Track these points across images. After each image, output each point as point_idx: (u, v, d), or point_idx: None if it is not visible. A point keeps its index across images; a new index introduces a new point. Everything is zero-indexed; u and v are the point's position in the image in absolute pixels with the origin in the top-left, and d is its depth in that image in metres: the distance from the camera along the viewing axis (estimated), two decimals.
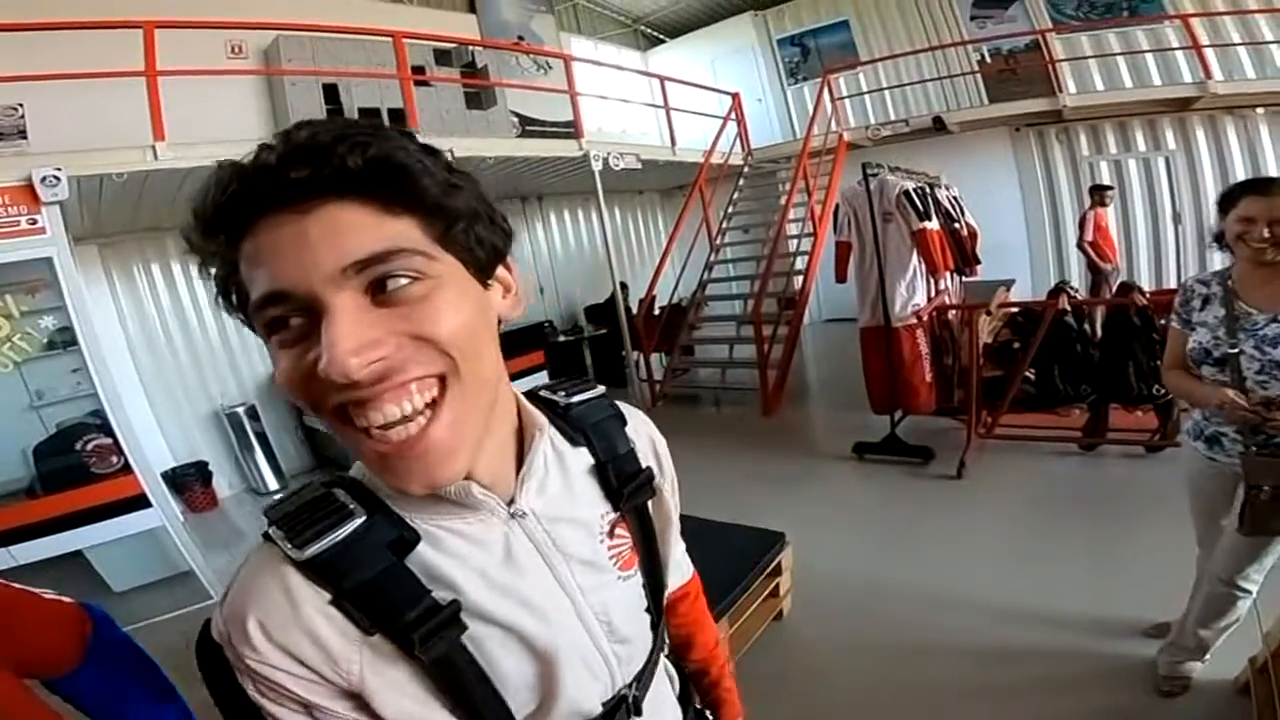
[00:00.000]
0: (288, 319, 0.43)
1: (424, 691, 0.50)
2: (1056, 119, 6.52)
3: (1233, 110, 6.01)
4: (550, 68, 7.71)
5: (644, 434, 0.70)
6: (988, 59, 7.24)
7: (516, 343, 5.99)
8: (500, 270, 0.53)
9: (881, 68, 7.59)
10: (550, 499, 0.57)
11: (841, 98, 7.32)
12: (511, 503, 0.54)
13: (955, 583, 2.68)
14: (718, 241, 6.58)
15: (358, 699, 0.48)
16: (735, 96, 7.42)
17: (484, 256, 0.50)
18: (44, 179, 3.28)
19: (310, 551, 0.47)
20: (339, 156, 0.41)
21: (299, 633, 0.46)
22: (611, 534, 0.61)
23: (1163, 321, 1.84)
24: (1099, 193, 5.79)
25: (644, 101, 7.37)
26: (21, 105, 4.74)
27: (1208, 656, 1.87)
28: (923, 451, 3.94)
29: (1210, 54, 5.77)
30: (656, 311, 6.14)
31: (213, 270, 0.46)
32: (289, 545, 0.47)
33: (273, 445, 5.26)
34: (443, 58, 6.72)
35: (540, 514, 0.56)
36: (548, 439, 0.59)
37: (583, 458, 0.62)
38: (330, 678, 0.47)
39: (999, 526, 3.17)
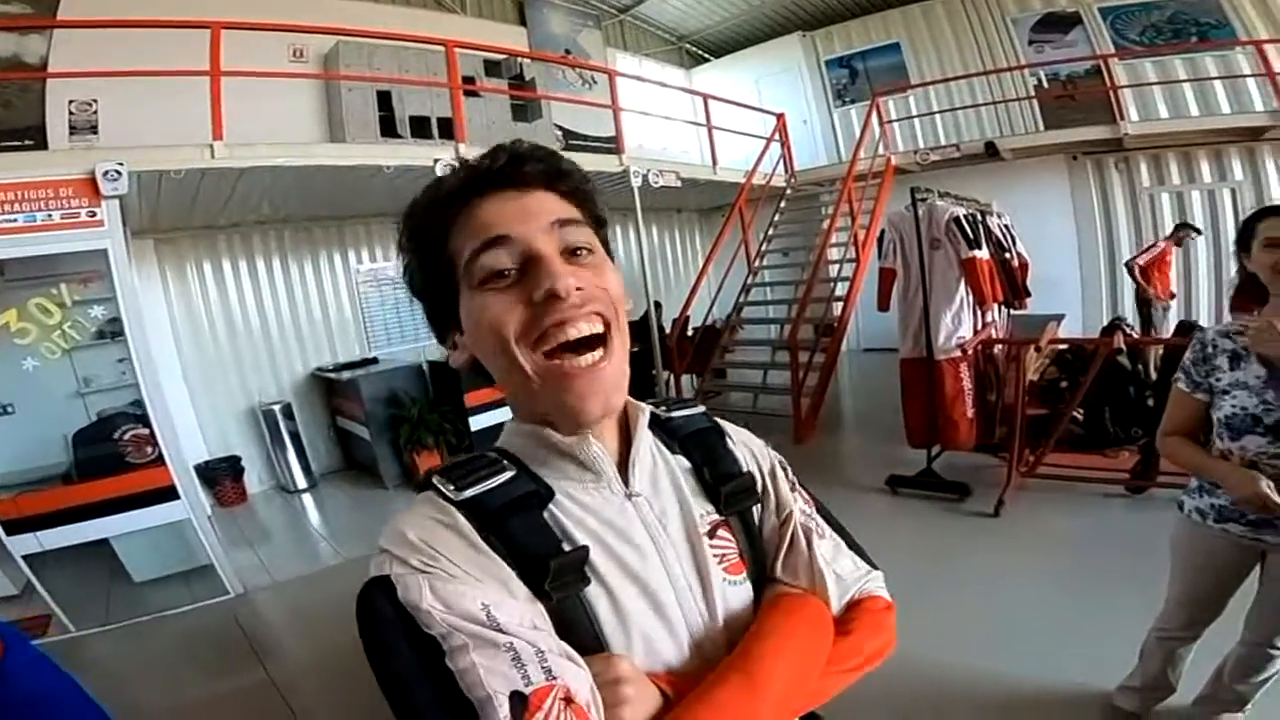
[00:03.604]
0: (503, 271, 0.55)
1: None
2: (1116, 148, 6.29)
3: None
4: (595, 83, 7.80)
5: (746, 447, 0.74)
6: (1045, 84, 7.04)
7: None
8: None
9: (933, 91, 7.43)
10: (660, 490, 0.64)
11: (890, 121, 7.18)
12: (626, 483, 0.61)
13: (987, 625, 2.56)
14: (756, 264, 6.50)
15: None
16: (780, 117, 7.36)
17: (610, 256, 0.63)
18: (105, 173, 3.39)
19: (468, 493, 0.56)
20: (546, 162, 0.60)
21: (454, 536, 0.54)
22: (713, 534, 0.64)
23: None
24: (1182, 230, 5.54)
25: (686, 120, 7.36)
26: (96, 101, 4.96)
27: (1248, 708, 1.75)
28: (959, 488, 3.78)
29: None
30: (690, 332, 6.09)
31: (417, 245, 0.61)
32: (450, 487, 0.57)
33: (305, 445, 5.36)
34: (492, 69, 6.86)
35: (651, 500, 0.62)
36: (649, 433, 0.65)
37: (680, 462, 0.68)
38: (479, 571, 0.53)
39: (1037, 567, 3.02)
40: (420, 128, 6.07)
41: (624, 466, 0.62)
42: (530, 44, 7.84)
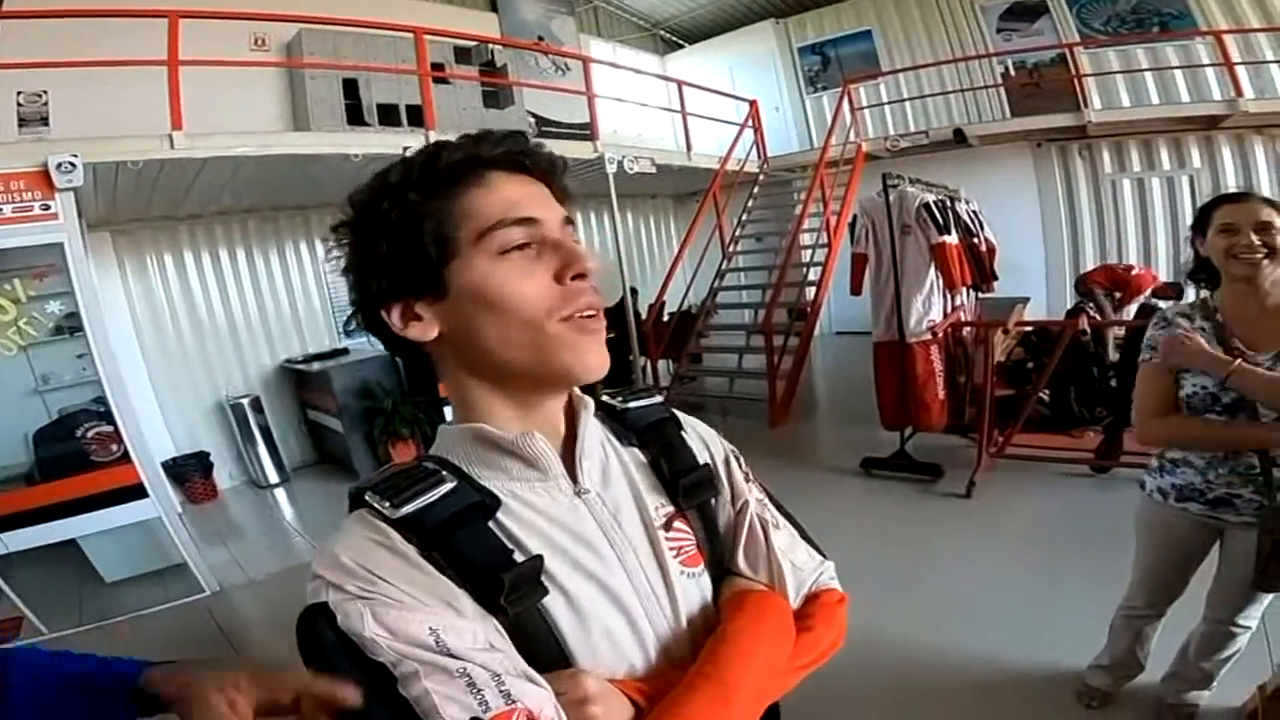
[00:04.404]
0: (524, 245, 0.57)
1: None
2: (1080, 135, 6.41)
3: (1262, 130, 5.87)
4: (568, 69, 7.72)
5: (700, 439, 0.74)
6: (1012, 72, 7.15)
7: None
8: None
9: (903, 78, 7.51)
10: (611, 484, 0.63)
11: (861, 108, 7.24)
12: (575, 480, 0.60)
13: (961, 605, 2.61)
14: (730, 249, 6.52)
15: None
16: (753, 104, 7.38)
17: None
18: (59, 165, 3.29)
19: (405, 510, 0.53)
20: (552, 160, 0.63)
21: (392, 558, 0.52)
22: (669, 527, 0.64)
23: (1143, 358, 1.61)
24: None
25: (661, 106, 7.33)
26: (46, 93, 4.77)
27: (1214, 685, 1.81)
28: (932, 469, 3.86)
29: (1242, 71, 5.65)
30: (665, 318, 6.10)
31: (405, 203, 0.57)
32: (386, 505, 0.54)
33: (275, 438, 5.27)
34: (462, 56, 6.75)
35: (603, 496, 0.61)
36: (598, 425, 0.66)
37: (635, 455, 0.68)
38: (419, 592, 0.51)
39: (1008, 548, 3.10)
40: (388, 116, 5.95)
41: (571, 462, 0.61)
42: (502, 30, 7.71)
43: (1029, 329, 4.41)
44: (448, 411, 3.58)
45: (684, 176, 6.97)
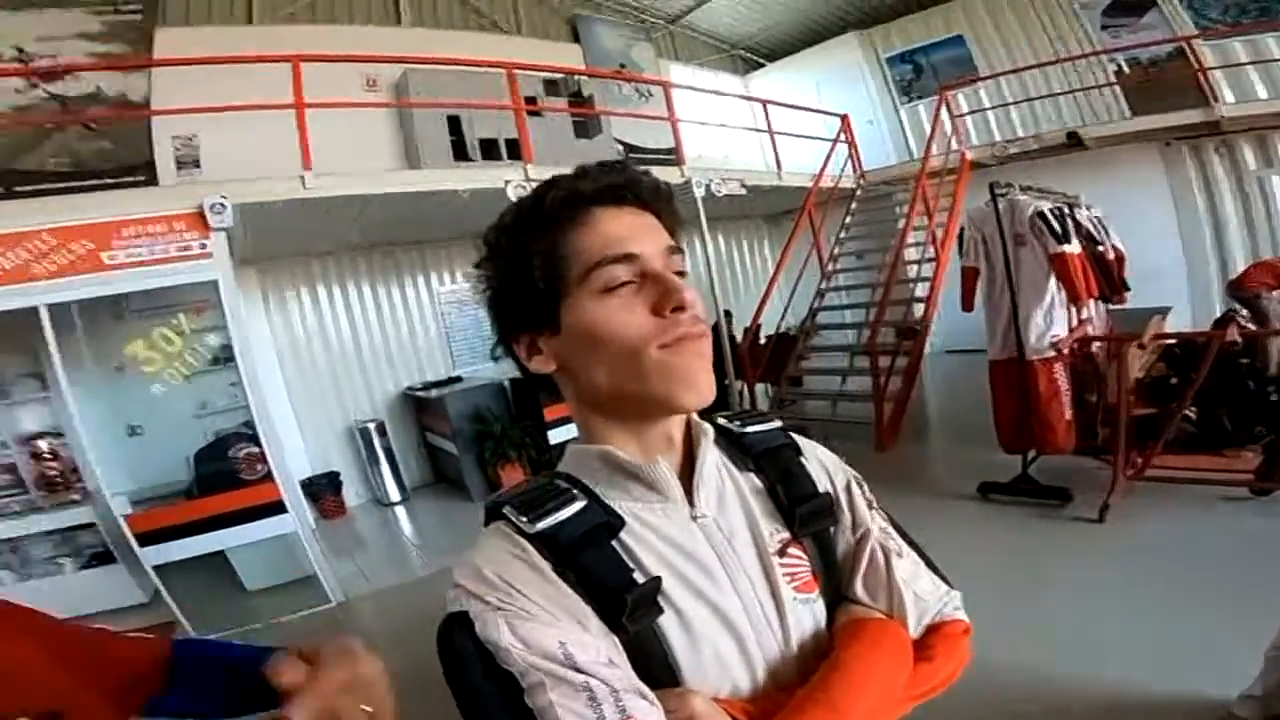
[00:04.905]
0: (627, 281, 0.58)
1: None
2: (1213, 131, 5.90)
3: None
4: (651, 95, 7.85)
5: (820, 464, 0.74)
6: (1125, 69, 6.69)
7: None
8: None
9: (1004, 82, 7.18)
10: (727, 510, 0.64)
11: (961, 115, 6.98)
12: (692, 504, 0.62)
13: (1093, 633, 2.44)
14: (829, 268, 6.38)
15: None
16: (844, 118, 7.25)
17: None
18: (212, 206, 3.63)
19: (540, 526, 0.57)
20: (658, 188, 0.64)
21: (530, 572, 0.55)
22: (783, 553, 0.64)
23: None
24: None
25: (746, 126, 7.32)
26: (196, 136, 5.34)
27: None
28: (1059, 493, 3.62)
29: None
30: (762, 340, 6.03)
31: (521, 245, 0.61)
32: (523, 519, 0.57)
33: (397, 460, 5.61)
34: (551, 88, 6.99)
35: (718, 521, 0.62)
36: (716, 452, 0.66)
37: (751, 481, 0.68)
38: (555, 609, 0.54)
39: (1148, 573, 2.84)
40: (489, 150, 6.24)
41: (689, 487, 0.62)
42: (585, 61, 7.98)
43: (1171, 341, 4.06)
44: (551, 435, 3.72)
45: (775, 196, 6.93)
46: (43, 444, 3.93)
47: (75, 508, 3.86)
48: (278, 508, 3.75)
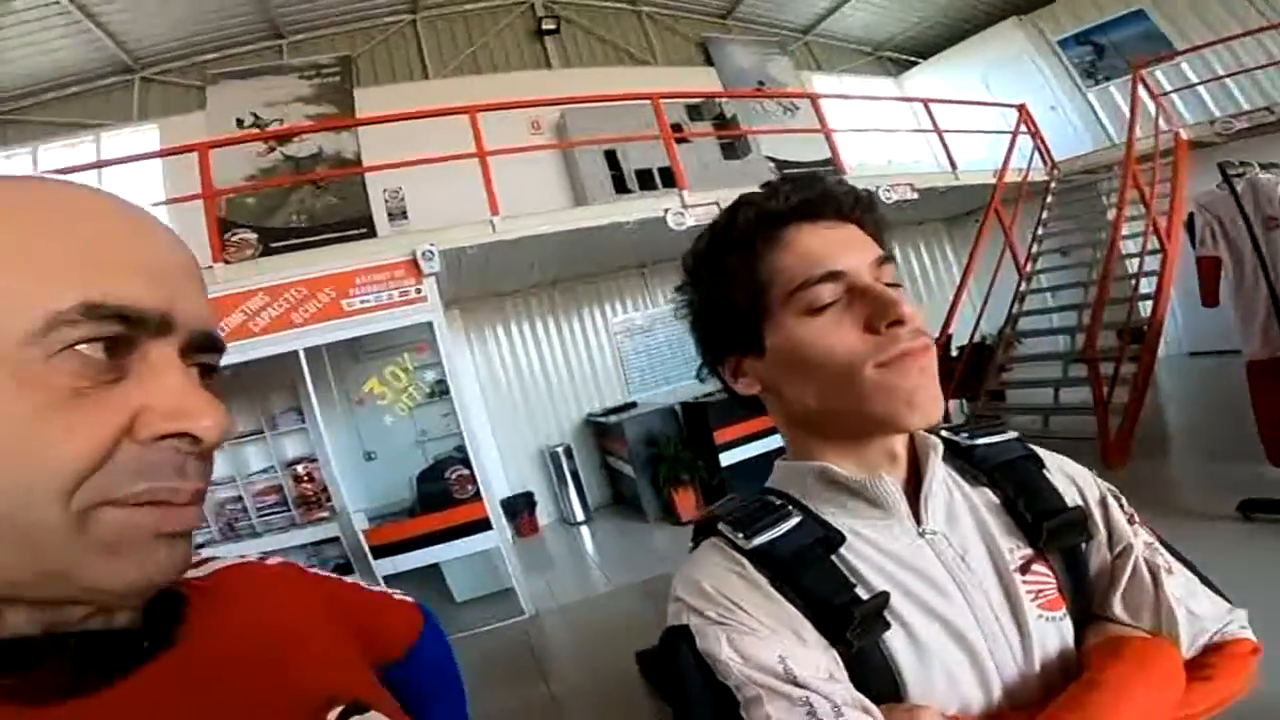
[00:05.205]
0: (831, 303, 0.57)
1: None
2: None
3: None
4: (796, 108, 7.74)
5: (1067, 476, 0.68)
6: None
7: None
8: None
9: (1212, 53, 6.30)
10: (958, 526, 0.61)
11: (1164, 93, 6.18)
12: (919, 520, 0.59)
13: None
14: (1028, 269, 5.84)
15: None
16: (1021, 108, 6.68)
17: None
18: (423, 254, 4.00)
19: (757, 542, 0.57)
20: (858, 196, 0.62)
21: (747, 586, 0.55)
22: (1026, 569, 0.60)
23: None
24: None
25: (909, 128, 6.97)
26: (401, 188, 5.97)
27: None
28: None
29: None
30: (953, 353, 5.61)
31: (720, 270, 0.62)
32: (739, 536, 0.58)
33: (582, 482, 5.87)
34: (694, 113, 7.11)
35: (948, 536, 0.60)
36: (944, 467, 0.63)
37: (985, 495, 0.64)
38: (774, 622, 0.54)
39: None
40: (646, 180, 6.46)
41: (915, 502, 0.60)
42: (722, 82, 8.05)
43: None
44: (722, 457, 3.65)
45: (951, 197, 6.50)
46: (300, 468, 4.51)
47: (325, 524, 4.39)
48: (484, 525, 4.02)
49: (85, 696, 0.35)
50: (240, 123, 6.16)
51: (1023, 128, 6.54)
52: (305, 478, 4.50)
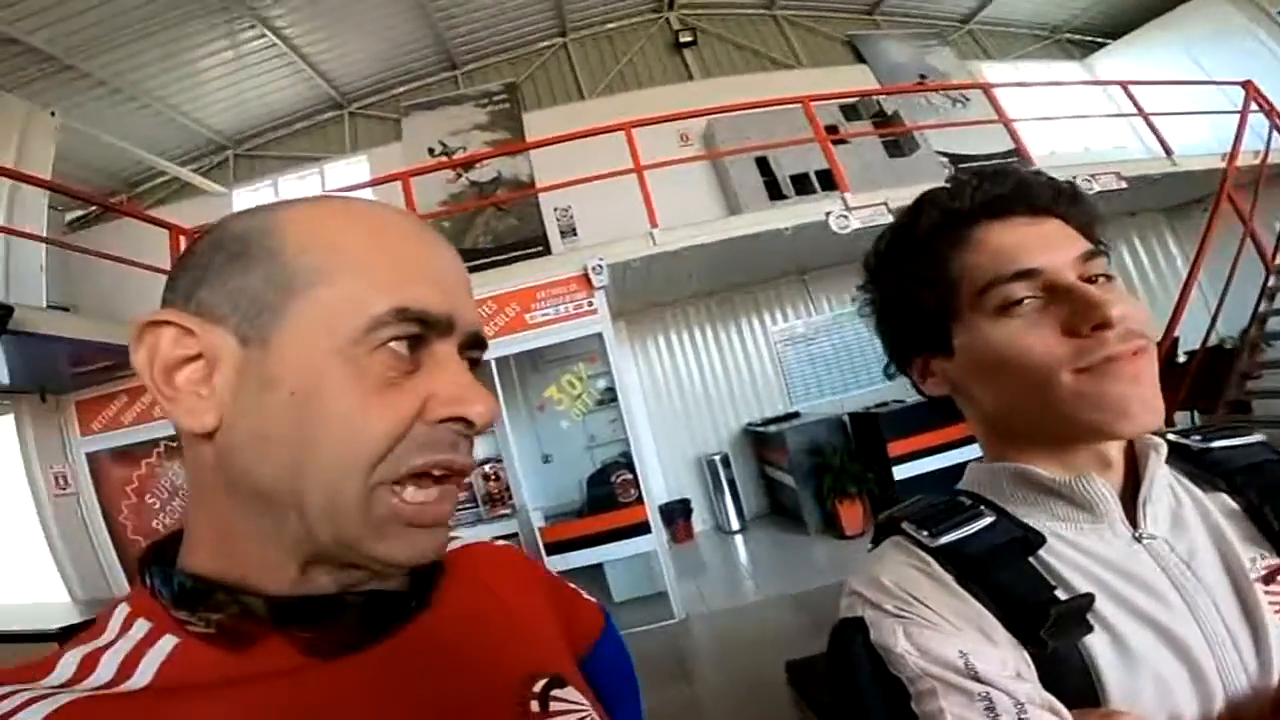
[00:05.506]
0: (1029, 297, 0.54)
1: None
2: None
3: None
4: (967, 100, 7.22)
5: None
6: None
7: None
8: None
9: None
10: (1186, 532, 0.56)
11: None
12: (1135, 524, 0.55)
13: None
14: (1277, 262, 5.02)
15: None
16: (1248, 84, 5.70)
17: None
18: (594, 268, 4.21)
19: (944, 540, 0.55)
20: (1061, 188, 0.58)
21: (931, 582, 0.54)
22: (1270, 580, 0.54)
23: None
24: None
25: (1105, 113, 6.24)
26: (570, 207, 6.35)
27: None
28: None
29: None
30: (1181, 358, 4.87)
31: (905, 268, 0.61)
32: (924, 534, 0.56)
33: (739, 491, 5.87)
34: (850, 112, 6.88)
35: (1171, 542, 0.55)
36: (1167, 470, 0.58)
37: (1222, 501, 0.59)
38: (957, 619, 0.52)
39: None
40: (802, 185, 6.34)
41: (1131, 506, 0.56)
42: (878, 79, 7.75)
43: None
44: (896, 471, 3.43)
45: (1167, 185, 5.69)
46: (488, 468, 4.91)
47: (507, 520, 4.72)
48: (644, 528, 4.14)
49: (357, 653, 0.41)
50: (431, 151, 6.91)
51: (1253, 106, 5.58)
52: (492, 476, 4.90)
